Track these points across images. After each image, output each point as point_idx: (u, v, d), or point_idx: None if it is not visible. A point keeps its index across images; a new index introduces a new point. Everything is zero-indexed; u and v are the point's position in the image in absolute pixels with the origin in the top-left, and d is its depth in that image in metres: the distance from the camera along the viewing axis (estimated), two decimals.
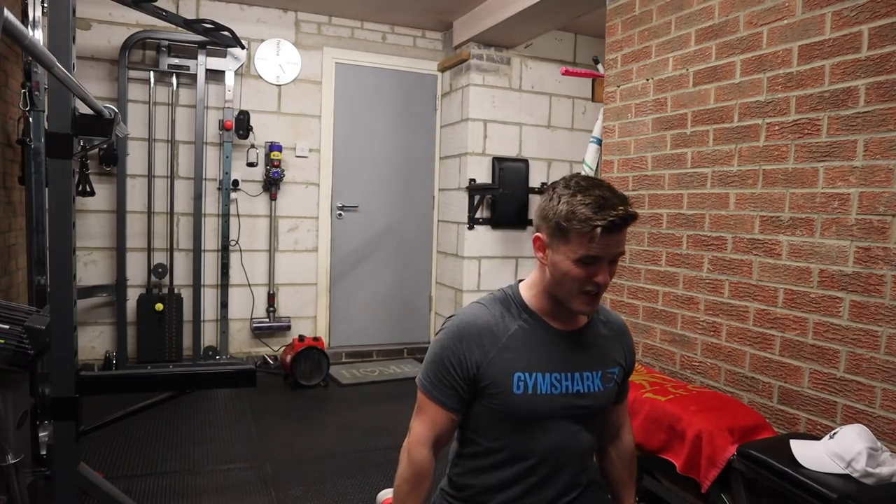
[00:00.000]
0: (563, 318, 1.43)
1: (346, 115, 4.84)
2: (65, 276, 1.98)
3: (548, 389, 1.39)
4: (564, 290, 1.35)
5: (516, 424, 1.40)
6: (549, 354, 1.40)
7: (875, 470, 1.67)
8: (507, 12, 4.08)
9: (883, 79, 1.93)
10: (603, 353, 1.47)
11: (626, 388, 1.59)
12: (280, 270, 4.72)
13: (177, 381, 2.38)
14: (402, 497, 1.41)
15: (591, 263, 1.30)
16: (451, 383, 1.39)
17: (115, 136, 2.14)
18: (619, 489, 1.61)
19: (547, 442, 1.41)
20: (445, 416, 1.40)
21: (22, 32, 1.14)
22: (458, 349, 1.38)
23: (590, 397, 1.43)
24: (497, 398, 1.38)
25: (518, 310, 1.43)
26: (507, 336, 1.39)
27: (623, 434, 1.61)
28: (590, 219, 1.26)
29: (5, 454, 1.79)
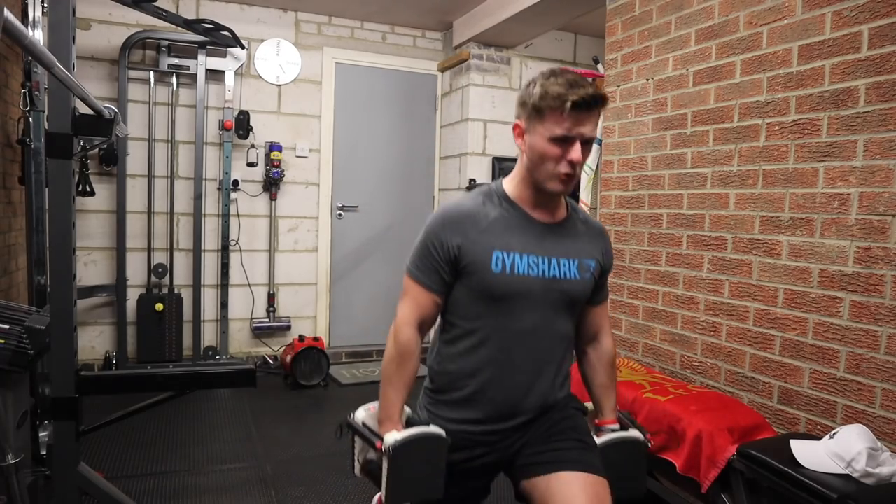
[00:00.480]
0: (543, 209, 1.52)
1: (346, 115, 4.84)
2: (65, 276, 1.98)
3: (525, 270, 1.46)
4: (541, 171, 1.44)
5: (494, 303, 1.47)
6: (527, 239, 1.48)
7: (875, 470, 1.67)
8: (507, 12, 4.08)
9: (883, 79, 1.93)
10: (580, 245, 1.54)
11: (605, 291, 1.66)
12: (280, 270, 4.72)
13: (177, 381, 2.39)
14: (390, 375, 1.51)
15: (564, 142, 1.39)
16: (435, 266, 1.48)
17: (115, 136, 2.14)
18: (600, 392, 1.67)
19: (523, 323, 1.47)
20: (429, 298, 1.50)
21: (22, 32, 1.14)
22: (441, 233, 1.47)
23: (566, 283, 1.49)
24: (476, 276, 1.45)
25: (500, 200, 1.52)
26: (488, 221, 1.47)
27: (602, 337, 1.67)
28: (561, 95, 1.36)
29: (5, 454, 1.79)
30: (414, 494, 1.48)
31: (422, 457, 1.45)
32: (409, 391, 1.52)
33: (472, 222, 1.47)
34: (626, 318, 3.00)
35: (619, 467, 1.56)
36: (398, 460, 1.42)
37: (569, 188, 1.46)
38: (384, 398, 1.52)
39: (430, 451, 1.46)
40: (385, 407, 1.51)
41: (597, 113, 1.42)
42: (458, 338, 1.53)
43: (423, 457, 1.45)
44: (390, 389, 1.50)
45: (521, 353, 1.50)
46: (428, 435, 1.46)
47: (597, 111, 1.41)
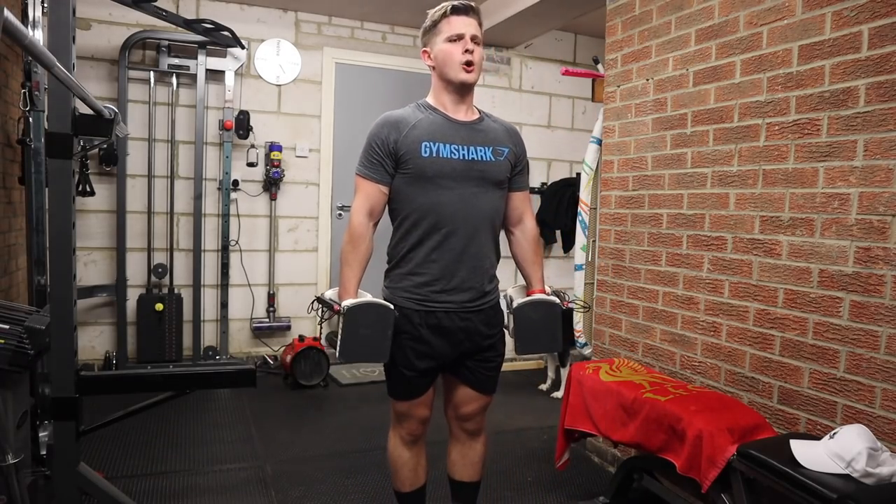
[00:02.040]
0: (459, 110, 1.94)
1: (346, 115, 4.84)
2: (65, 276, 1.98)
3: (448, 154, 1.87)
4: (448, 69, 1.88)
5: (426, 183, 1.86)
6: (448, 132, 1.89)
7: (875, 470, 1.67)
8: (507, 12, 4.08)
9: (883, 79, 1.92)
10: (492, 136, 1.96)
11: (523, 179, 2.07)
12: (280, 270, 4.72)
13: (177, 381, 2.38)
14: (346, 255, 1.89)
15: (458, 40, 1.86)
16: (378, 160, 1.89)
17: (115, 136, 2.14)
18: (527, 266, 2.10)
19: (452, 196, 1.87)
20: (375, 188, 1.90)
21: (22, 32, 1.14)
22: (381, 133, 1.90)
23: (482, 164, 1.91)
24: (410, 163, 1.86)
25: (424, 108, 1.95)
26: (416, 121, 1.90)
27: (526, 219, 2.09)
28: (442, 7, 1.88)
29: (5, 454, 1.79)
30: (363, 354, 1.85)
31: (371, 320, 1.79)
32: (363, 269, 1.90)
33: (405, 123, 1.89)
34: (626, 318, 3.00)
35: (536, 323, 1.96)
36: (350, 320, 1.77)
37: (474, 76, 1.88)
38: (342, 276, 1.89)
39: (379, 316, 1.80)
40: (343, 283, 1.89)
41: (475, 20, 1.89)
42: (403, 221, 1.92)
43: (372, 320, 1.79)
44: (346, 268, 1.89)
45: (454, 223, 1.87)
46: (377, 303, 1.82)
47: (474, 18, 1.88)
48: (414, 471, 2.10)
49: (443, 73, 1.89)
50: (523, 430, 3.58)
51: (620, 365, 2.68)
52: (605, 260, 3.16)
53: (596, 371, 2.56)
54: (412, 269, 1.92)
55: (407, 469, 2.09)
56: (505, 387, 4.21)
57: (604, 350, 3.13)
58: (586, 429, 2.49)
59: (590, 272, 3.28)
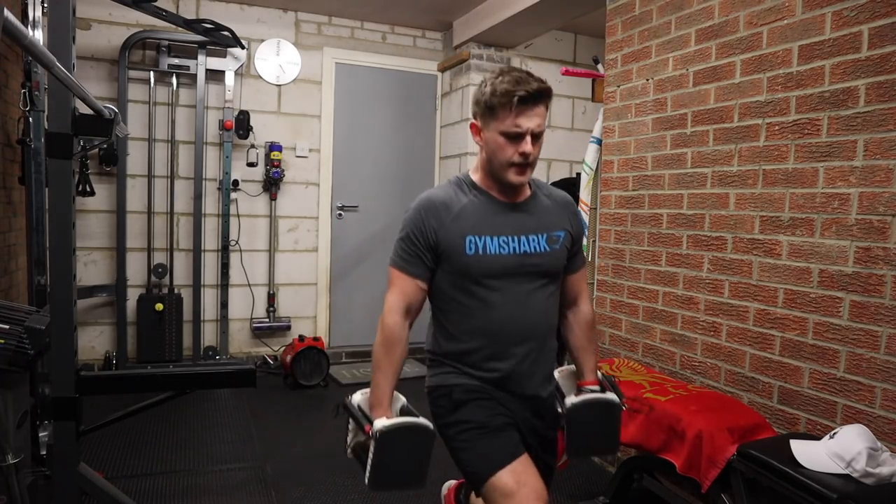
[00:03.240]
0: (507, 193, 1.64)
1: (346, 115, 4.84)
2: (65, 276, 1.98)
3: (497, 250, 1.59)
4: (498, 164, 1.58)
5: (473, 284, 1.60)
6: (496, 221, 1.62)
7: (875, 470, 1.67)
8: (507, 12, 4.08)
9: (883, 79, 1.92)
10: (547, 219, 1.67)
11: (579, 259, 1.77)
12: (280, 270, 4.72)
13: (177, 381, 2.39)
14: (379, 361, 1.58)
15: (516, 138, 1.53)
16: (417, 253, 1.60)
17: (115, 136, 2.14)
18: (580, 354, 1.78)
19: (503, 298, 1.60)
20: (413, 284, 1.61)
21: (22, 32, 1.14)
22: (419, 222, 1.60)
23: (537, 256, 1.62)
24: (453, 260, 1.59)
25: (468, 188, 1.66)
26: (459, 207, 1.61)
27: (581, 302, 1.79)
28: (509, 91, 1.50)
29: (5, 454, 1.79)
30: (395, 482, 1.55)
31: (407, 445, 1.50)
32: (397, 376, 1.59)
33: (446, 210, 1.60)
34: (626, 318, 3.00)
35: (592, 426, 1.70)
36: (384, 446, 1.48)
37: (525, 178, 1.60)
38: (374, 384, 1.58)
39: (417, 441, 1.51)
40: (375, 392, 1.57)
41: (543, 107, 1.55)
42: (446, 321, 1.66)
43: (408, 445, 1.50)
44: (380, 375, 1.58)
45: (507, 328, 1.61)
46: (416, 425, 1.51)
47: (543, 105, 1.55)
48: None
49: (490, 163, 1.60)
50: None
51: (620, 365, 2.68)
52: (605, 260, 3.15)
53: None
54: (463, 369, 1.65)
55: None
56: None
57: (604, 350, 3.13)
58: None
59: (590, 272, 3.28)
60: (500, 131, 1.54)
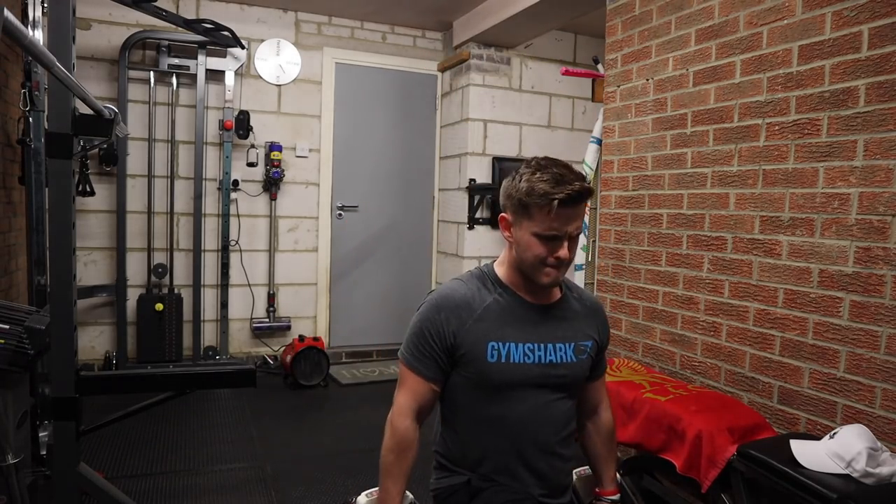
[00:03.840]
0: (535, 293, 1.51)
1: (346, 115, 4.84)
2: (65, 276, 1.98)
3: (521, 359, 1.46)
4: (529, 265, 1.44)
5: (492, 392, 1.47)
6: (522, 325, 1.47)
7: (875, 470, 1.67)
8: (507, 12, 4.08)
9: (883, 79, 1.92)
10: (575, 326, 1.54)
11: (602, 365, 1.65)
12: (280, 270, 4.72)
13: (177, 381, 2.38)
14: (388, 466, 1.47)
15: (551, 240, 1.40)
16: (431, 354, 1.46)
17: (115, 136, 2.14)
18: (599, 463, 1.66)
19: (522, 411, 1.47)
20: (426, 386, 1.48)
21: (22, 32, 1.14)
22: (437, 320, 1.45)
23: (563, 367, 1.50)
24: (472, 366, 1.45)
25: (493, 285, 1.51)
26: (483, 308, 1.47)
27: (601, 411, 1.67)
28: (548, 193, 1.35)
29: (5, 454, 1.79)
30: None
31: None
32: (408, 481, 1.49)
33: (468, 309, 1.46)
34: (626, 318, 3.00)
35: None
36: None
37: (557, 281, 1.47)
38: (383, 490, 1.48)
39: None
40: (385, 499, 1.48)
41: (583, 207, 1.42)
42: (460, 426, 1.53)
43: None
44: (389, 481, 1.47)
45: (523, 440, 1.49)
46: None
47: (583, 205, 1.42)
48: None
49: (520, 262, 1.47)
50: None
51: (620, 365, 2.68)
52: (605, 260, 3.15)
53: None
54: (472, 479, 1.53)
55: None
56: None
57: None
58: None
59: (590, 272, 3.28)
60: (533, 232, 1.40)
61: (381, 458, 1.48)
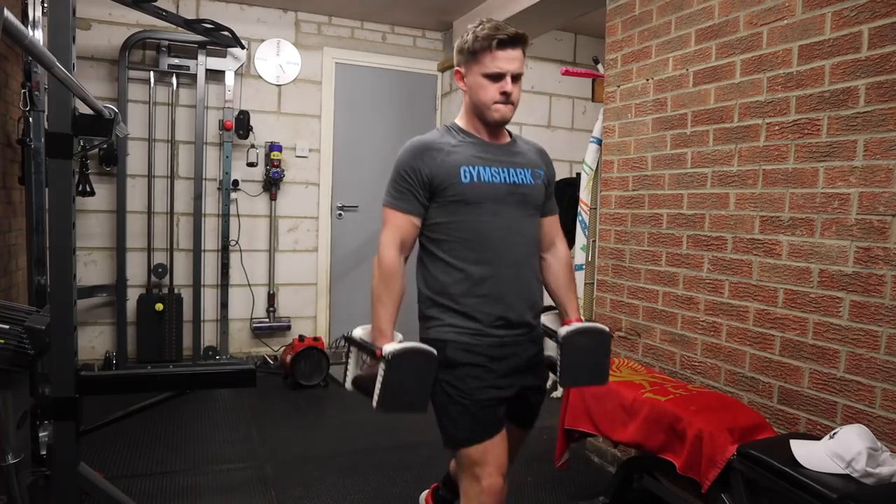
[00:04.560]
0: (492, 135, 1.79)
1: (346, 115, 4.84)
2: (65, 276, 1.98)
3: (490, 178, 1.72)
4: (481, 105, 1.71)
5: (468, 209, 1.70)
6: (485, 155, 1.75)
7: (875, 470, 1.67)
8: (507, 12, 4.08)
9: (883, 79, 1.92)
10: (528, 157, 1.84)
11: (552, 203, 1.93)
12: (280, 270, 4.72)
13: (177, 381, 2.38)
14: (379, 294, 1.70)
15: (497, 79, 1.68)
16: (409, 190, 1.71)
17: (115, 136, 2.14)
18: (561, 293, 1.91)
19: (499, 224, 1.72)
20: (407, 220, 1.72)
21: (22, 32, 1.14)
22: (412, 161, 1.71)
23: (524, 187, 1.77)
24: (450, 190, 1.69)
25: (456, 132, 1.79)
26: (450, 147, 1.73)
27: (558, 243, 1.94)
28: (489, 36, 1.65)
29: (5, 454, 1.79)
30: (404, 403, 1.63)
31: (414, 368, 1.60)
32: (397, 308, 1.70)
33: (437, 148, 1.72)
34: (626, 318, 3.00)
35: (585, 354, 1.79)
36: (394, 368, 1.56)
37: (507, 115, 1.73)
38: (375, 316, 1.69)
39: (424, 364, 1.61)
40: (377, 324, 1.68)
41: (521, 51, 1.69)
42: (442, 253, 1.74)
43: (415, 368, 1.60)
44: (380, 307, 1.69)
45: (504, 252, 1.72)
46: (422, 349, 1.61)
47: (520, 49, 1.69)
48: None
49: (474, 105, 1.74)
50: None
51: (620, 365, 2.68)
52: (605, 260, 3.16)
53: None
54: (458, 307, 1.71)
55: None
56: None
57: None
58: (586, 429, 2.49)
59: (590, 272, 3.28)
60: (482, 73, 1.68)
61: (372, 289, 1.70)
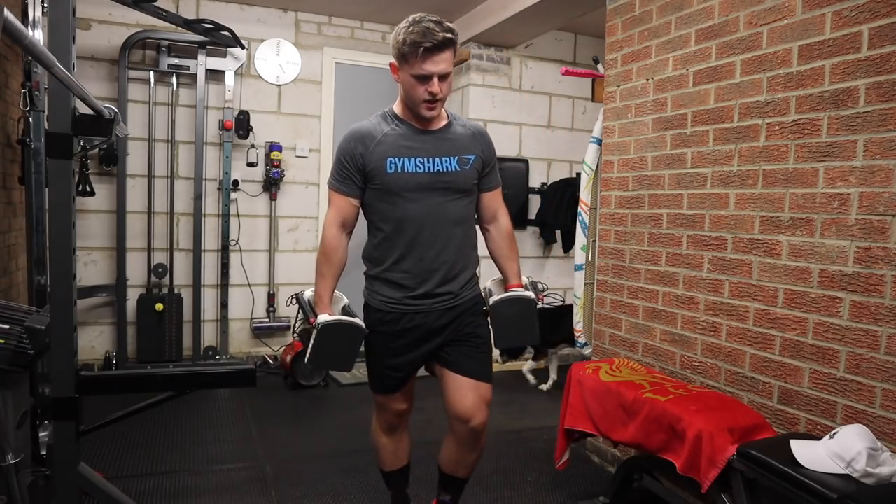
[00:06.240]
0: (423, 122, 1.94)
1: (346, 115, 4.84)
2: (65, 276, 1.98)
3: (413, 168, 1.91)
4: (411, 101, 1.89)
5: (394, 197, 1.92)
6: (412, 145, 1.92)
7: (875, 470, 1.67)
8: (506, 12, 4.08)
9: (883, 79, 1.92)
10: (458, 144, 1.98)
11: (493, 178, 2.10)
12: (280, 270, 4.72)
13: (177, 381, 2.38)
14: (319, 267, 1.98)
15: (425, 80, 1.82)
16: (348, 174, 1.94)
17: (115, 136, 2.14)
18: (504, 262, 2.14)
19: (419, 209, 1.92)
20: (346, 201, 1.96)
21: (22, 32, 1.14)
22: (349, 147, 1.92)
23: (448, 175, 1.94)
24: (377, 179, 1.91)
25: (391, 119, 1.97)
26: (382, 135, 1.92)
27: (499, 216, 2.13)
28: (416, 42, 1.78)
29: (5, 454, 1.80)
30: (328, 363, 2.09)
31: (342, 337, 1.92)
32: (336, 279, 1.98)
33: (371, 137, 1.91)
34: (626, 318, 3.00)
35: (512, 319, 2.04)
36: (323, 336, 1.89)
37: (435, 112, 1.90)
38: (317, 285, 1.98)
39: (349, 336, 1.94)
40: (318, 293, 1.98)
41: (449, 52, 1.82)
42: (376, 231, 2.00)
43: (342, 337, 1.92)
44: (321, 279, 1.97)
45: (422, 232, 1.93)
46: (350, 322, 1.94)
47: (448, 51, 1.82)
48: (394, 454, 2.22)
49: (406, 100, 1.92)
50: (523, 430, 3.58)
51: (620, 365, 2.68)
52: (605, 260, 3.16)
53: (596, 371, 2.56)
54: (387, 276, 2.00)
55: (387, 452, 2.22)
56: (505, 387, 4.21)
57: (604, 350, 3.13)
58: (586, 429, 2.49)
59: (590, 272, 3.28)
60: (411, 74, 1.82)
61: (316, 262, 1.98)
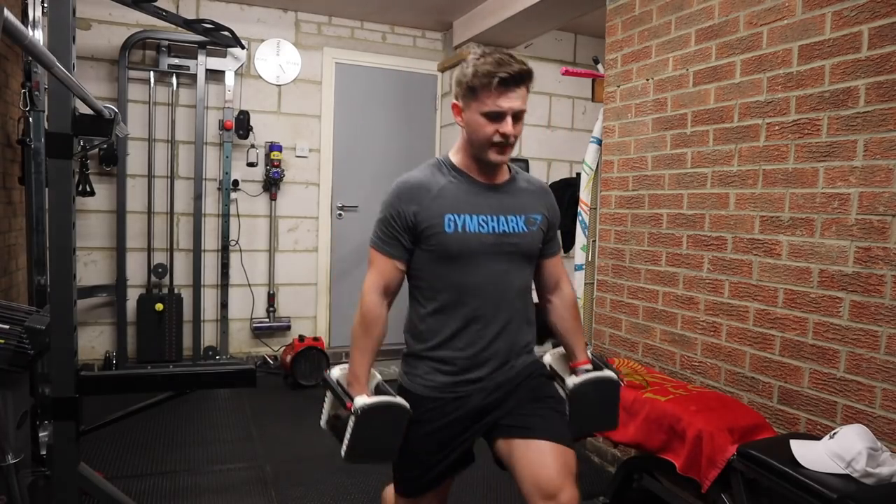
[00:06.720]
0: (486, 174, 1.66)
1: (346, 115, 4.84)
2: (65, 276, 1.98)
3: (476, 228, 1.61)
4: (479, 144, 1.59)
5: (452, 261, 1.60)
6: (475, 201, 1.63)
7: (875, 470, 1.67)
8: (507, 12, 4.08)
9: (883, 79, 1.92)
10: (524, 201, 1.70)
11: (556, 243, 1.82)
12: (280, 270, 4.72)
13: (177, 381, 2.38)
14: (357, 339, 1.64)
15: (496, 119, 1.55)
16: (395, 234, 1.61)
17: (115, 136, 2.14)
18: (569, 336, 1.82)
19: (480, 276, 1.62)
20: (391, 264, 1.64)
21: (22, 32, 1.14)
22: (398, 205, 1.61)
23: (515, 237, 1.65)
24: (433, 239, 1.59)
25: (448, 169, 1.67)
26: (438, 188, 1.62)
27: (563, 285, 1.83)
28: (490, 72, 1.52)
29: (5, 454, 1.79)
30: (370, 455, 1.63)
31: (385, 422, 1.57)
32: (375, 354, 1.65)
33: (425, 191, 1.61)
34: (626, 318, 3.00)
35: (594, 404, 1.74)
36: (363, 423, 1.54)
37: (505, 157, 1.62)
38: (352, 361, 1.64)
39: (393, 419, 1.58)
40: (353, 370, 1.64)
41: (525, 88, 1.58)
42: (425, 300, 1.67)
43: (385, 423, 1.57)
44: (357, 353, 1.64)
45: (483, 304, 1.63)
46: (393, 404, 1.57)
47: (524, 86, 1.58)
48: None
49: (471, 143, 1.63)
50: None
51: (620, 365, 2.68)
52: (605, 260, 3.15)
53: None
54: (435, 354, 1.66)
55: None
56: None
57: (604, 350, 3.13)
58: None
59: (590, 272, 3.28)
60: (480, 112, 1.56)
61: (351, 333, 1.65)
